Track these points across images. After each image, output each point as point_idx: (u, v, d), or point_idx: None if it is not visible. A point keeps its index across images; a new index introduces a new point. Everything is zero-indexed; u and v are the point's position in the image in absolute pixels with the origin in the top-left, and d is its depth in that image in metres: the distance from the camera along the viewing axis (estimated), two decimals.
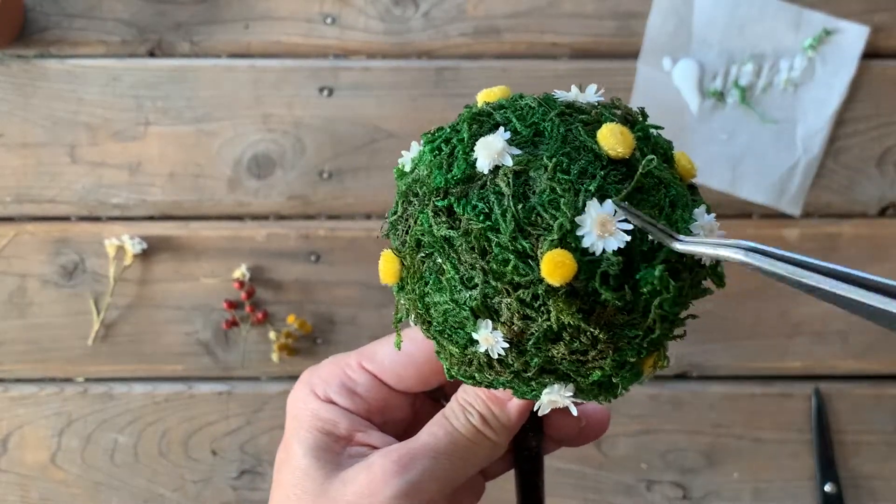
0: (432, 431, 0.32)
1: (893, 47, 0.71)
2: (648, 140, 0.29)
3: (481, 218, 0.26)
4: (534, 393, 0.29)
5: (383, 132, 0.71)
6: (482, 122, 0.28)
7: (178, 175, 0.71)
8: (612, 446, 0.70)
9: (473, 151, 0.27)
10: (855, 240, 0.70)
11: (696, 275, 0.29)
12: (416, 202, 0.28)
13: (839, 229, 0.70)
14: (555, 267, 0.24)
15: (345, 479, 0.31)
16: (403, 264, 0.28)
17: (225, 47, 0.71)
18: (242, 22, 0.71)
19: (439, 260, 0.27)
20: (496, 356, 0.27)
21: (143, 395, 0.70)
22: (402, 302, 0.29)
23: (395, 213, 0.29)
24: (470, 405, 0.32)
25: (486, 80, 0.70)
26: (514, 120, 0.27)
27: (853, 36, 0.70)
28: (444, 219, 0.26)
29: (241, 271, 0.69)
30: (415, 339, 0.33)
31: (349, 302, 0.70)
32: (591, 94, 0.29)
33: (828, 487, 0.69)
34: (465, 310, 0.27)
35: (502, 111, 0.28)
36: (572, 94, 0.29)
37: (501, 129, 0.27)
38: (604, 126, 0.27)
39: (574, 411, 0.29)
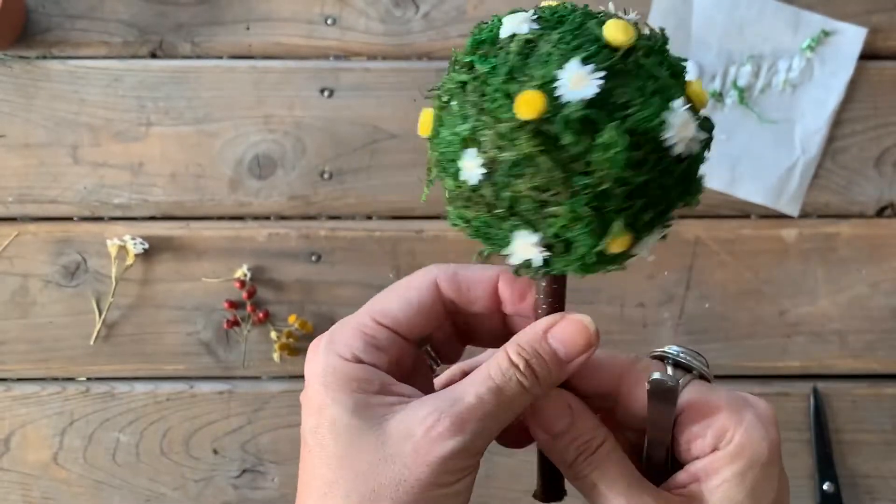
0: (480, 393, 0.33)
1: (891, 48, 0.71)
2: (662, 53, 0.33)
3: (487, 67, 0.32)
4: (507, 241, 0.32)
5: (384, 133, 0.71)
6: (518, 12, 0.33)
7: (179, 175, 0.71)
8: None
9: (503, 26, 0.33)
10: (853, 240, 0.71)
11: (669, 166, 0.33)
12: (453, 66, 0.34)
13: (837, 229, 0.71)
14: (525, 104, 0.30)
15: (397, 433, 0.33)
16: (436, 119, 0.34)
17: (226, 48, 0.71)
18: (243, 23, 0.71)
19: (453, 102, 0.33)
20: (475, 182, 0.31)
21: (144, 394, 0.71)
22: (429, 155, 0.34)
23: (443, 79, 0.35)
24: (524, 362, 0.33)
25: None
26: (545, 10, 0.33)
27: (851, 37, 0.70)
28: (464, 70, 0.33)
29: (242, 271, 0.70)
30: (414, 287, 0.36)
31: (350, 302, 0.71)
32: (629, 15, 0.34)
33: (826, 486, 0.69)
34: (457, 140, 0.32)
35: (542, 7, 0.34)
36: (611, 8, 0.34)
37: (531, 11, 0.33)
38: (611, 20, 0.32)
39: (539, 260, 0.32)
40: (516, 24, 0.32)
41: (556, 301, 0.35)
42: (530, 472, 0.41)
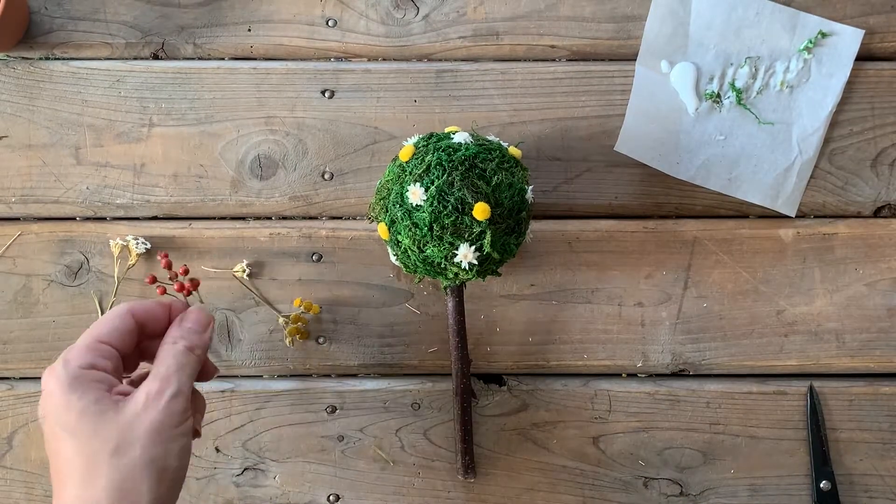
0: (167, 364, 0.51)
1: (888, 50, 0.71)
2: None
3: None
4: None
5: (384, 133, 0.71)
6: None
7: (181, 176, 0.71)
8: (610, 444, 0.71)
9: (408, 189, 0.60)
10: (850, 240, 0.71)
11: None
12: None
13: (834, 229, 0.71)
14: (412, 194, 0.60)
15: (132, 407, 0.49)
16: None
17: (228, 50, 0.72)
18: (245, 25, 0.72)
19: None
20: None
21: None
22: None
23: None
24: (178, 338, 0.53)
25: (485, 83, 0.71)
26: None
27: (848, 38, 0.70)
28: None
29: (241, 266, 0.70)
30: (117, 315, 0.53)
31: (351, 301, 0.71)
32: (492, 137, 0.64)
33: (823, 484, 0.69)
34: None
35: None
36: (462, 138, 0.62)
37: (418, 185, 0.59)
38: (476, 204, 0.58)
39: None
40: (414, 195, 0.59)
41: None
42: (530, 471, 0.42)
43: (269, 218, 0.72)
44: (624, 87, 0.71)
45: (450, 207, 0.58)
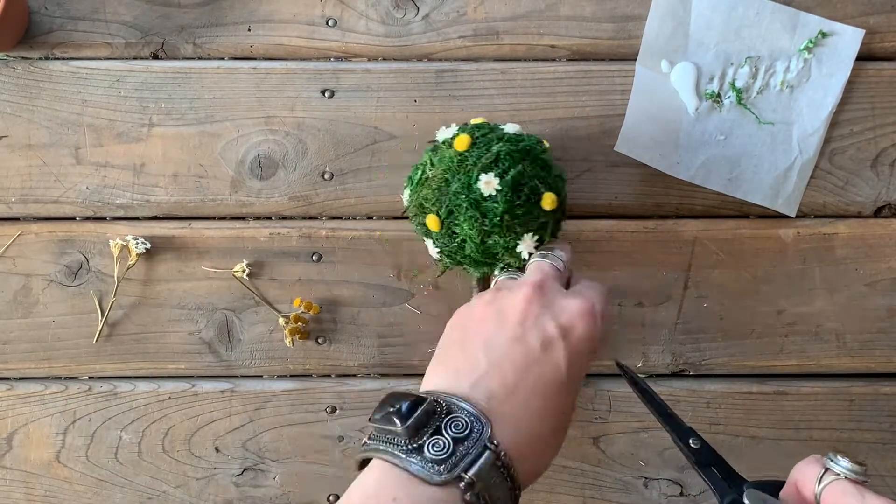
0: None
1: (888, 50, 0.71)
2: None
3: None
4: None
5: (384, 133, 0.71)
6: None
7: (181, 176, 0.71)
8: (611, 444, 0.71)
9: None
10: (850, 240, 0.71)
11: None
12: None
13: (835, 229, 0.71)
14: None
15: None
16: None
17: (228, 50, 0.72)
18: (245, 25, 0.72)
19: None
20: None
21: (146, 393, 0.71)
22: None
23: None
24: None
25: (485, 83, 0.71)
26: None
27: (849, 38, 0.70)
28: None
29: (241, 266, 0.70)
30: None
31: (351, 301, 0.71)
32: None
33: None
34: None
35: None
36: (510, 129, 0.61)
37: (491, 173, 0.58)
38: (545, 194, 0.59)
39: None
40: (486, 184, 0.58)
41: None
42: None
43: (269, 218, 0.72)
44: (624, 87, 0.71)
45: (524, 197, 0.57)
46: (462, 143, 0.59)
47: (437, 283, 0.71)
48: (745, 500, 0.47)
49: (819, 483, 0.43)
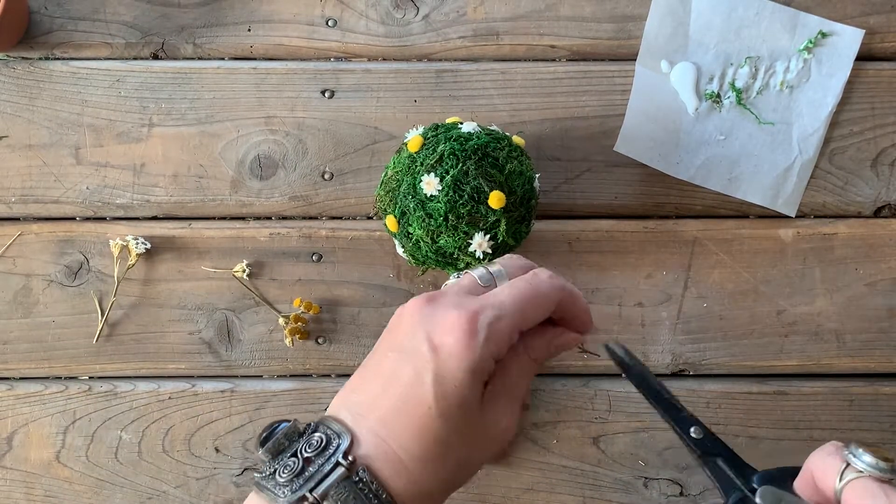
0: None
1: (888, 50, 0.71)
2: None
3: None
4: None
5: (384, 133, 0.71)
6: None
7: (181, 176, 0.71)
8: (611, 444, 0.71)
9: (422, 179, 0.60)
10: (850, 240, 0.71)
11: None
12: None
13: (834, 229, 0.71)
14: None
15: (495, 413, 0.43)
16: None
17: (228, 50, 0.72)
18: (245, 25, 0.72)
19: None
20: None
21: (146, 393, 0.71)
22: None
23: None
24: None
25: (485, 83, 0.71)
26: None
27: (848, 38, 0.70)
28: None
29: (241, 266, 0.70)
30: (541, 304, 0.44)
31: (351, 301, 0.71)
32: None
33: None
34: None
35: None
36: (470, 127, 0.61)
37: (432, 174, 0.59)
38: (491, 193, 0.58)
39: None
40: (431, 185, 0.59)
41: None
42: (530, 471, 0.42)
43: (269, 218, 0.72)
44: (624, 87, 0.71)
45: (465, 197, 0.58)
46: (414, 144, 0.60)
47: (437, 283, 0.71)
48: (758, 500, 0.42)
49: (840, 479, 0.40)
